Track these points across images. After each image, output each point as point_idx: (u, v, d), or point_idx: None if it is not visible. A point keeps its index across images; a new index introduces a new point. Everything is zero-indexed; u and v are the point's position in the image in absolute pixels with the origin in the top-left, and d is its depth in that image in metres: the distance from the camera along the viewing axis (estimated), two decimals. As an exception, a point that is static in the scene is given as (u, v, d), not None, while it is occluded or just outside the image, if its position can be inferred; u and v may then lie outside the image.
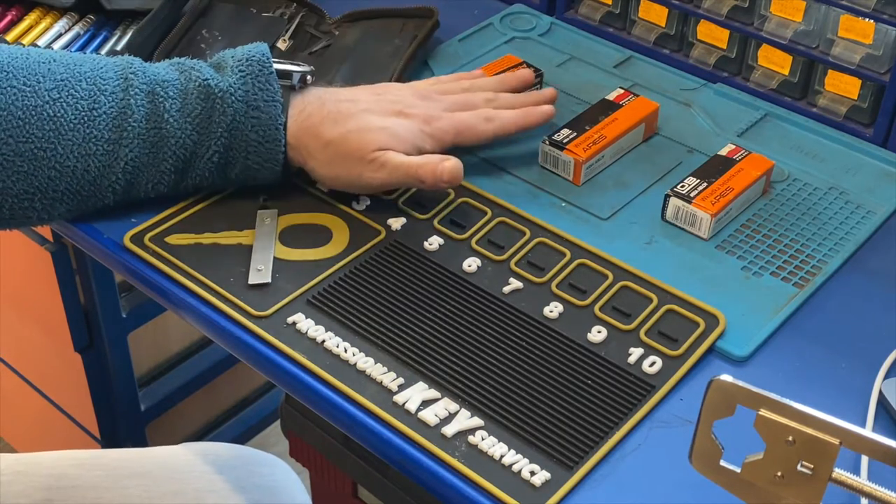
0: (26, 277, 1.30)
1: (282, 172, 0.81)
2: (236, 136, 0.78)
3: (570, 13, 1.08)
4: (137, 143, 0.76)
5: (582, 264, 0.79)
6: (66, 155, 0.75)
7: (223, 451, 1.00)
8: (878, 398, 0.70)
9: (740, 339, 0.74)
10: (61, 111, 0.75)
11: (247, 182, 0.82)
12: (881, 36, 0.88)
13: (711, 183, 0.83)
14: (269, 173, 0.80)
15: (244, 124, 0.78)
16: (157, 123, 0.77)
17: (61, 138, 0.75)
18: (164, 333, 1.44)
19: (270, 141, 0.78)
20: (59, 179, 0.76)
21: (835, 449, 0.49)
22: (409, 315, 0.75)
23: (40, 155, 0.75)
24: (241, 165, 0.79)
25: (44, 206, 0.77)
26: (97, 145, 0.76)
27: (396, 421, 0.67)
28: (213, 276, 0.77)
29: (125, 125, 0.76)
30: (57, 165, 0.75)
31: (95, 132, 0.76)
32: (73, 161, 0.75)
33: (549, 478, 0.64)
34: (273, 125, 0.78)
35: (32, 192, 0.75)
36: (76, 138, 0.75)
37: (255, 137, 0.78)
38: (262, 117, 0.78)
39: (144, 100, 0.77)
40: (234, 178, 0.81)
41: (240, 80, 0.78)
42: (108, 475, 0.95)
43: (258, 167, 0.80)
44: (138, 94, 0.77)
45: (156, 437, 1.48)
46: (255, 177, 0.81)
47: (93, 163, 0.76)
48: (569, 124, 0.89)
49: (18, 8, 1.02)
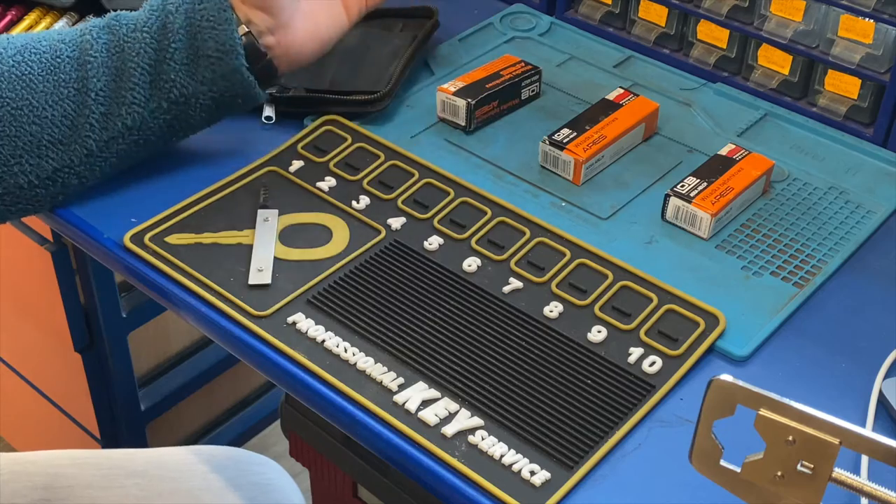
0: (26, 277, 1.30)
1: (248, 71, 0.81)
2: (191, 32, 0.80)
3: (570, 13, 1.08)
4: (102, 72, 0.79)
5: (582, 264, 0.79)
6: (41, 106, 0.78)
7: (217, 452, 1.00)
8: (878, 398, 0.70)
9: (740, 338, 0.74)
10: (27, 69, 0.78)
11: (219, 85, 0.81)
12: (881, 36, 0.88)
13: (711, 183, 0.83)
14: (231, 60, 0.80)
15: (195, 16, 0.79)
16: (117, 47, 0.79)
17: (33, 92, 0.77)
18: (164, 333, 1.44)
19: (222, 22, 0.80)
20: (40, 133, 0.78)
21: (835, 449, 0.49)
22: (409, 315, 0.75)
23: (18, 114, 0.77)
24: (203, 59, 0.80)
25: (31, 167, 0.78)
26: (67, 88, 0.78)
27: (396, 421, 0.67)
28: (213, 275, 0.77)
29: (87, 59, 0.79)
30: (36, 118, 0.77)
31: (62, 76, 0.78)
32: (50, 110, 0.78)
33: (549, 478, 0.64)
34: (220, 7, 0.80)
35: (19, 153, 0.77)
36: (47, 88, 0.78)
37: (208, 24, 0.80)
38: (209, 4, 0.79)
39: (101, 32, 0.80)
40: (203, 78, 0.81)
41: None
42: (104, 475, 0.95)
43: (218, 55, 0.80)
44: (94, 29, 0.80)
45: (156, 436, 1.48)
46: (223, 74, 0.81)
47: (68, 106, 0.78)
48: (569, 124, 0.89)
49: (18, 8, 1.02)
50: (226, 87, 0.81)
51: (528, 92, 0.95)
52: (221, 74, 0.80)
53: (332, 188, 0.85)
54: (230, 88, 0.81)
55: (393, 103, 0.94)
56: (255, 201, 0.83)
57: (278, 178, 0.86)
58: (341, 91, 0.92)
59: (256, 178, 0.86)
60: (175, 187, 0.85)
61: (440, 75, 0.98)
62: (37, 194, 0.79)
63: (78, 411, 1.42)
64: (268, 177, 0.86)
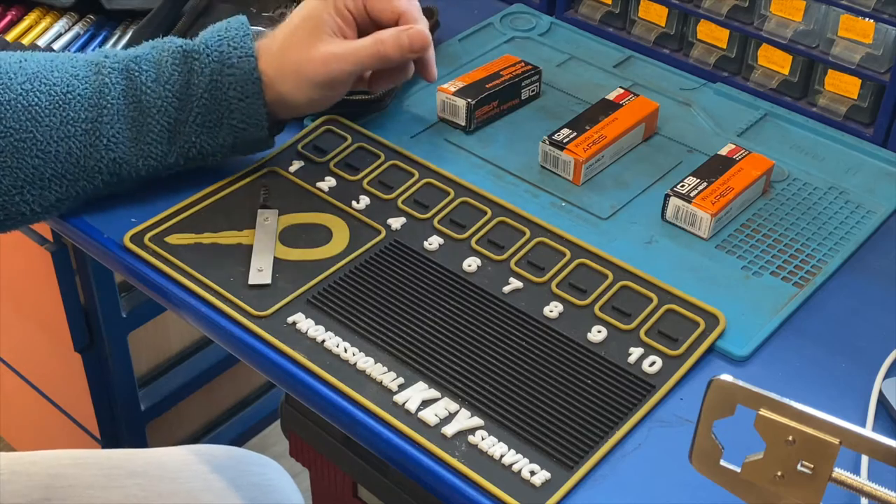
0: (26, 277, 1.30)
1: (269, 129, 0.82)
2: (216, 96, 0.79)
3: (570, 13, 1.08)
4: (118, 119, 0.78)
5: (582, 264, 0.79)
6: (45, 141, 0.76)
7: (217, 452, 1.00)
8: (878, 398, 0.70)
9: (740, 338, 0.74)
10: (35, 100, 0.76)
11: (238, 146, 0.82)
12: (881, 36, 0.88)
13: (711, 183, 0.83)
14: (256, 132, 0.81)
15: (222, 83, 0.79)
16: (135, 97, 0.78)
17: (38, 125, 0.76)
18: (164, 333, 1.44)
19: (250, 96, 0.79)
20: (43, 167, 0.76)
21: (835, 449, 0.49)
22: (409, 315, 0.75)
23: (21, 146, 0.76)
24: (227, 126, 0.80)
25: (34, 198, 0.77)
26: (75, 126, 0.77)
27: (396, 421, 0.67)
28: (213, 276, 0.77)
29: (102, 103, 0.77)
30: (39, 153, 0.76)
31: (72, 114, 0.77)
32: (55, 146, 0.76)
33: (549, 478, 0.64)
34: (250, 79, 0.79)
35: (21, 184, 0.76)
36: (53, 123, 0.76)
37: (235, 94, 0.79)
38: (237, 73, 0.79)
39: (119, 77, 0.78)
40: (224, 143, 0.81)
41: (215, 41, 0.79)
42: (105, 474, 0.95)
43: (244, 126, 0.80)
44: (112, 73, 0.78)
45: (156, 436, 1.48)
46: (244, 139, 0.81)
47: (74, 144, 0.77)
48: (569, 124, 0.89)
49: (18, 8, 1.02)
50: (245, 148, 0.83)
51: (528, 92, 0.95)
52: (243, 140, 0.82)
53: (332, 188, 0.85)
54: (249, 148, 0.83)
55: (393, 103, 0.94)
56: (255, 201, 0.83)
57: (278, 178, 0.86)
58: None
59: (256, 178, 0.86)
60: (175, 187, 0.85)
61: (440, 75, 0.98)
62: (38, 218, 0.80)
63: (78, 411, 1.42)
64: (268, 177, 0.86)
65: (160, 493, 0.94)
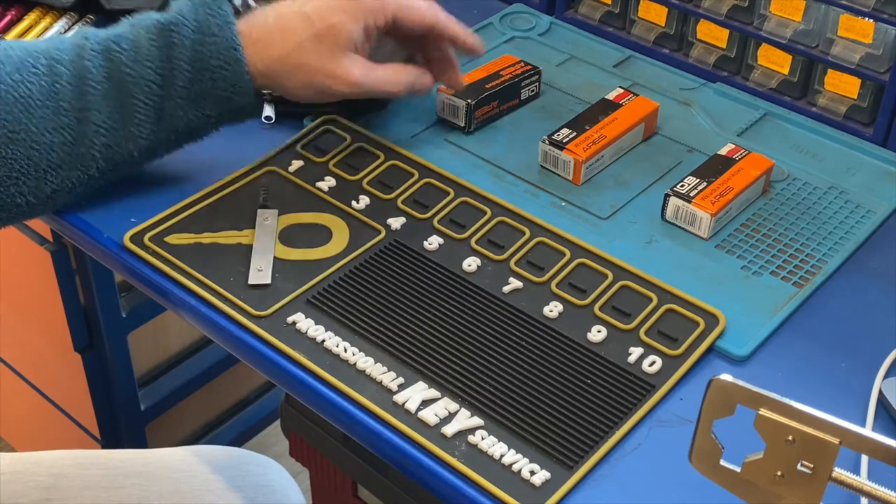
0: (26, 277, 1.30)
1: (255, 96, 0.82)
2: (199, 67, 0.79)
3: (569, 13, 1.08)
4: (104, 103, 0.78)
5: (582, 264, 0.79)
6: (39, 132, 0.76)
7: (218, 453, 1.00)
8: (878, 398, 0.70)
9: (740, 338, 0.74)
10: (26, 91, 0.76)
11: (225, 116, 0.82)
12: (881, 35, 0.88)
13: (711, 182, 0.83)
14: (242, 99, 0.81)
15: (203, 53, 0.79)
16: (118, 79, 0.78)
17: (32, 117, 0.76)
18: (164, 333, 1.44)
19: (232, 63, 0.79)
20: (38, 157, 0.76)
21: (835, 448, 0.49)
22: (409, 315, 0.75)
23: (15, 138, 0.76)
24: (212, 97, 0.80)
25: (29, 189, 0.77)
26: (66, 116, 0.77)
27: (396, 421, 0.67)
28: (213, 275, 0.77)
29: (87, 89, 0.77)
30: (34, 144, 0.76)
31: (63, 103, 0.77)
32: (49, 136, 0.76)
33: (549, 477, 0.64)
34: (231, 46, 0.79)
35: (16, 175, 0.76)
36: (46, 114, 0.76)
37: (217, 63, 0.79)
38: (218, 42, 0.79)
39: (100, 59, 0.78)
40: (211, 113, 0.81)
41: (190, 11, 0.79)
42: (105, 475, 0.95)
43: (228, 94, 0.80)
44: (94, 56, 0.78)
45: (156, 436, 1.48)
46: (230, 108, 0.81)
47: (67, 134, 0.77)
48: (569, 124, 0.89)
49: (18, 8, 1.02)
50: (233, 116, 0.83)
51: (527, 92, 0.95)
52: (229, 109, 0.81)
53: (331, 188, 0.85)
54: (237, 116, 0.83)
55: (393, 103, 0.94)
56: (255, 201, 0.83)
57: (278, 178, 0.86)
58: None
59: (256, 178, 0.86)
60: (175, 187, 0.85)
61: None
62: (35, 211, 0.80)
63: (78, 411, 1.42)
64: (268, 177, 0.86)
65: (160, 493, 0.94)
